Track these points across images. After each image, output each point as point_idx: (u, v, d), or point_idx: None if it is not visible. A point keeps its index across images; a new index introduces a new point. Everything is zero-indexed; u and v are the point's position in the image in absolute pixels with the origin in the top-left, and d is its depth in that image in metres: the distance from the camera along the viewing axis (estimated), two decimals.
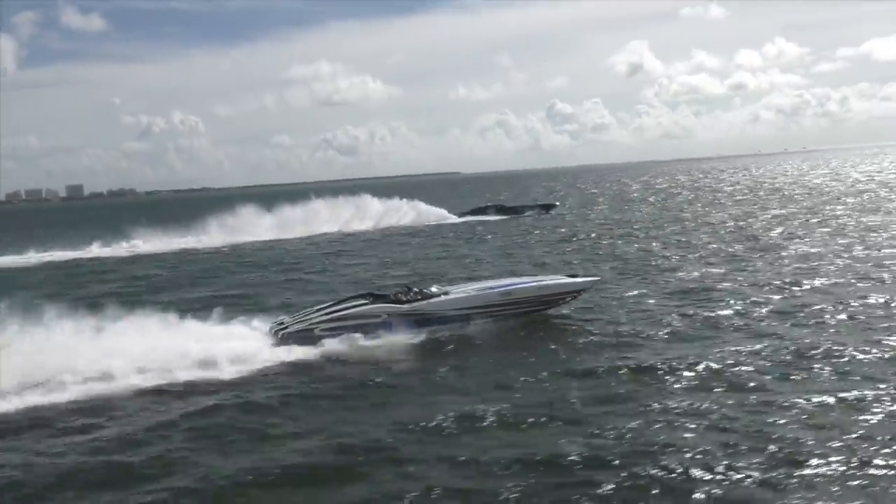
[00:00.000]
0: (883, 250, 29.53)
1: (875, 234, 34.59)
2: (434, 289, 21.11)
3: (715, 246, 34.27)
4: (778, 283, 24.22)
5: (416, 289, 21.01)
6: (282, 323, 19.92)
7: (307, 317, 19.95)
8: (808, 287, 23.37)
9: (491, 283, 22.38)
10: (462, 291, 21.12)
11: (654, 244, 36.84)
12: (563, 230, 47.19)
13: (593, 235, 42.76)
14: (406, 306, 19.96)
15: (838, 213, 46.75)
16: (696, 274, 27.01)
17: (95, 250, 50.45)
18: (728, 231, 40.43)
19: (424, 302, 20.21)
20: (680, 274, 27.29)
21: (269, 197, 66.25)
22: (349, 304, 20.09)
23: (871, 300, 20.94)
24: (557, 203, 71.44)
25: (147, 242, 52.80)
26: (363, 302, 20.17)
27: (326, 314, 19.77)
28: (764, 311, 20.56)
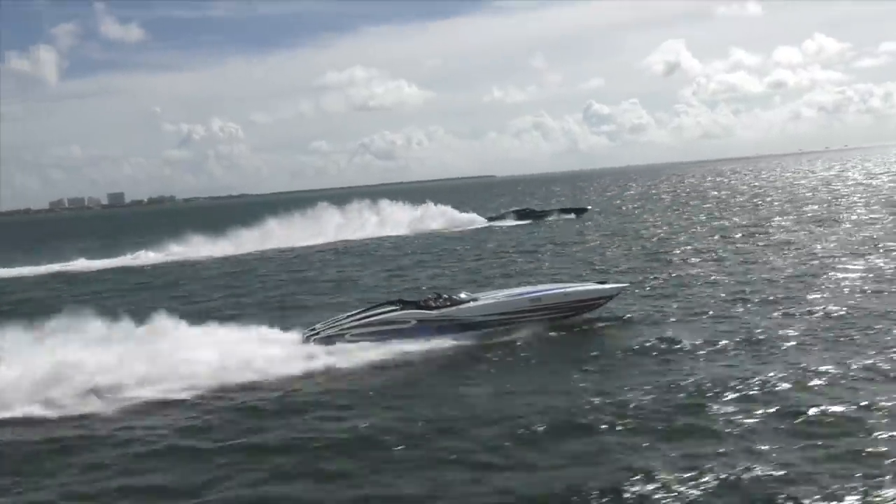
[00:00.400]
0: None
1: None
2: (463, 295, 21.29)
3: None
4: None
5: (445, 295, 21.18)
6: (314, 329, 20.28)
7: (337, 323, 20.29)
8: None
9: (520, 289, 22.50)
10: (491, 298, 21.28)
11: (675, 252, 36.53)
12: (592, 235, 47.05)
13: (615, 242, 42.40)
14: (435, 312, 20.18)
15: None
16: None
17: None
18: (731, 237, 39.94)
19: (454, 308, 20.41)
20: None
21: (307, 202, 66.62)
22: (379, 311, 20.40)
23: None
24: (589, 207, 70.88)
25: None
26: (393, 308, 20.46)
27: (356, 320, 20.09)
28: None
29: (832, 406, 13.15)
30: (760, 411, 13.22)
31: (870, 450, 11.29)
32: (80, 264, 50.73)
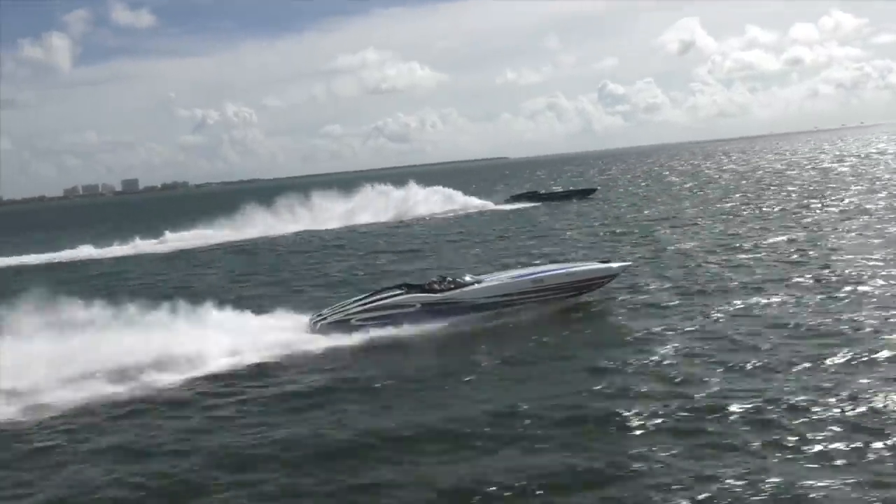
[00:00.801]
0: None
1: None
2: (468, 278, 21.51)
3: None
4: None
5: (449, 278, 21.44)
6: (321, 315, 20.64)
7: (345, 307, 20.62)
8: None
9: (523, 270, 22.77)
10: (495, 280, 21.50)
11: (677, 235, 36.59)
12: (596, 216, 47.09)
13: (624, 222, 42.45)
14: (439, 295, 20.45)
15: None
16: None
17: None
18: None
19: (458, 291, 20.66)
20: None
21: (320, 186, 66.94)
22: (384, 295, 20.70)
23: None
24: (598, 188, 70.59)
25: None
26: (398, 292, 20.76)
27: (362, 305, 20.42)
28: None
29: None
30: (748, 404, 13.46)
31: None
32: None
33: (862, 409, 12.20)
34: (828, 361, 14.55)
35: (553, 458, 11.48)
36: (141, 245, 52.22)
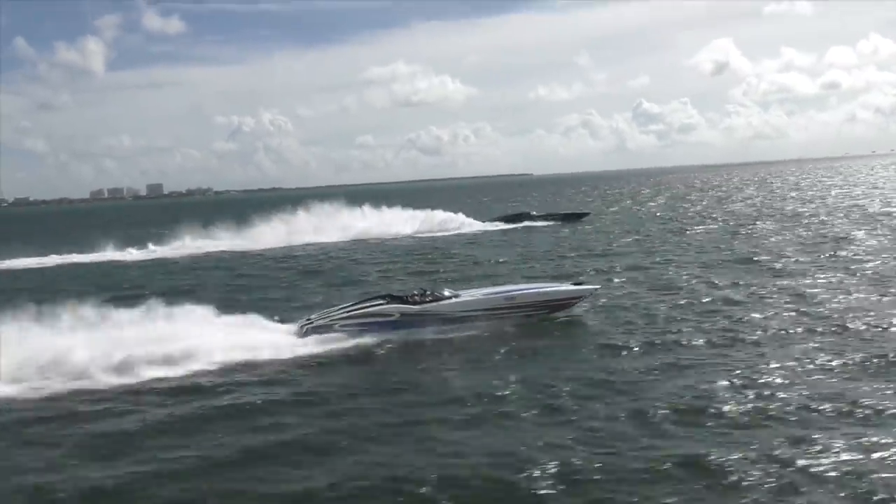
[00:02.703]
0: None
1: None
2: (447, 292, 23.23)
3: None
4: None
5: (430, 291, 23.16)
6: (309, 320, 22.43)
7: (330, 314, 22.43)
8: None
9: (499, 287, 24.50)
10: (471, 295, 23.27)
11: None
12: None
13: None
14: (418, 307, 22.20)
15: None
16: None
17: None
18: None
19: (436, 304, 22.41)
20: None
21: (336, 197, 68.12)
22: (367, 304, 22.48)
23: None
24: (590, 212, 69.80)
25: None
26: (380, 302, 22.51)
27: (346, 312, 22.21)
28: None
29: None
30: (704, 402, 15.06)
31: None
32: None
33: None
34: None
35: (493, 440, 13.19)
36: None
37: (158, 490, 12.40)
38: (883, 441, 12.58)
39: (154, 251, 53.94)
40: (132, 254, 53.14)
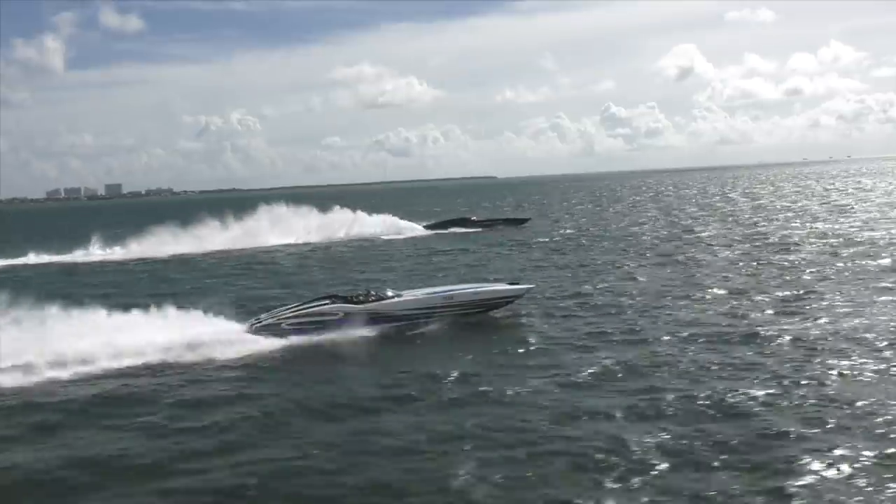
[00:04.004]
0: None
1: None
2: (389, 292, 24.56)
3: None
4: None
5: (373, 291, 24.48)
6: (258, 319, 23.61)
7: (278, 313, 23.64)
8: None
9: (439, 288, 25.95)
10: (412, 295, 24.67)
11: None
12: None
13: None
14: (360, 306, 23.51)
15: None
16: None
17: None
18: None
19: (377, 303, 23.76)
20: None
21: (294, 199, 68.20)
22: (313, 304, 23.75)
23: None
24: (530, 218, 69.66)
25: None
26: (325, 302, 23.78)
27: (293, 311, 23.44)
28: None
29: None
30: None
31: None
32: None
33: None
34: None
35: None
36: None
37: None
38: None
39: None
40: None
